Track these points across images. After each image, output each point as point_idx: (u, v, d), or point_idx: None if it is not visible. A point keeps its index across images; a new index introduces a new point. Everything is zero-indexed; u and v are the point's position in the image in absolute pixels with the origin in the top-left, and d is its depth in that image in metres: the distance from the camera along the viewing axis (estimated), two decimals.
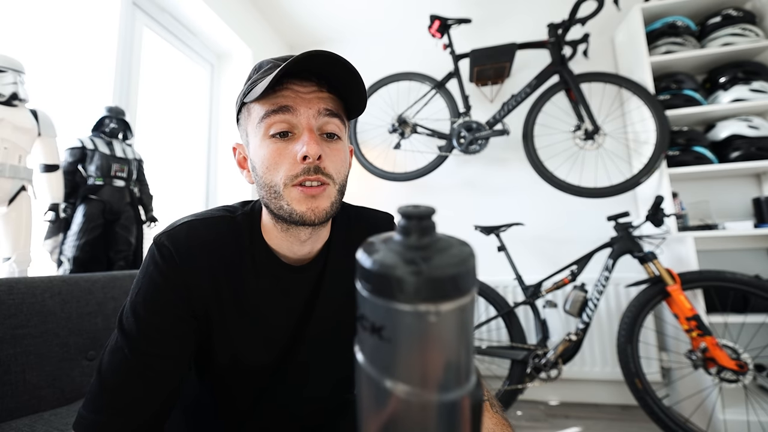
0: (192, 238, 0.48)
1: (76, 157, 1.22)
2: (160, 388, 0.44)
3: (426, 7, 2.16)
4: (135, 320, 0.44)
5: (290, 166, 0.45)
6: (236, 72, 2.12)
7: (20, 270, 1.03)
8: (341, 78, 0.47)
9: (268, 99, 0.46)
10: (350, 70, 0.45)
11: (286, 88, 0.46)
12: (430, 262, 0.16)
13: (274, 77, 0.43)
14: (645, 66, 1.71)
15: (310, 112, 0.46)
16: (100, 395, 0.42)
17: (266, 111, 0.46)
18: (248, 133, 0.49)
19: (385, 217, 0.66)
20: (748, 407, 1.41)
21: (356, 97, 0.49)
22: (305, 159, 0.44)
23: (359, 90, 0.48)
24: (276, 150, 0.46)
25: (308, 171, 0.45)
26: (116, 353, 0.44)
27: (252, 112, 0.48)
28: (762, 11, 1.71)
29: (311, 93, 0.47)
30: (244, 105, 0.50)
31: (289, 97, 0.46)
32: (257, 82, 0.48)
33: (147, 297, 0.45)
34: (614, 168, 1.92)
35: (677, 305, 1.34)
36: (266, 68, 0.49)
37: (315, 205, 0.46)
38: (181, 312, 0.46)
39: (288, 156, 0.46)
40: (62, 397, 0.77)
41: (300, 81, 0.46)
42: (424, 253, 0.16)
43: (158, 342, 0.44)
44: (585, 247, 1.63)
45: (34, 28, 1.32)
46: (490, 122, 1.84)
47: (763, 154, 1.56)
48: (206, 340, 0.50)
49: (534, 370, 1.50)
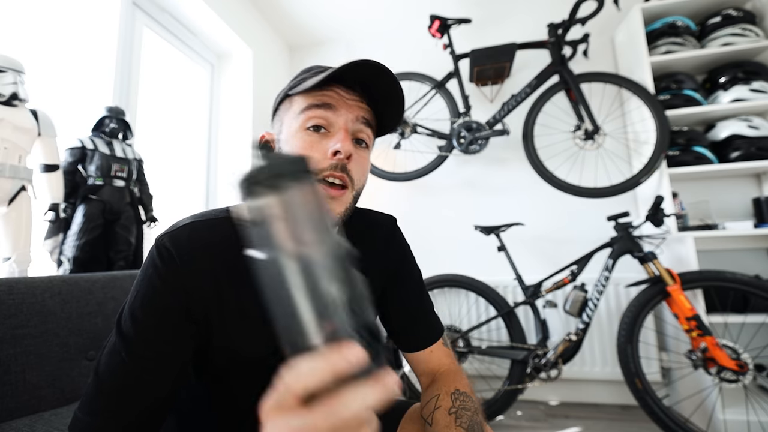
0: (194, 240, 0.47)
1: (76, 157, 1.22)
2: (157, 392, 0.44)
3: (426, 7, 2.16)
4: (132, 323, 0.44)
5: (319, 160, 0.47)
6: (236, 72, 2.12)
7: (20, 270, 1.03)
8: (383, 91, 0.49)
9: (313, 94, 0.49)
10: (394, 83, 0.48)
11: (331, 90, 0.49)
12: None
13: (327, 75, 0.45)
14: (645, 66, 1.71)
15: (349, 116, 0.49)
16: (96, 398, 0.42)
17: (309, 104, 0.48)
18: (284, 122, 0.52)
19: (389, 219, 0.66)
20: (748, 407, 1.41)
21: (393, 113, 0.52)
22: (335, 154, 0.46)
23: (398, 106, 0.51)
24: (309, 142, 0.48)
25: (335, 167, 0.47)
26: (113, 356, 0.43)
27: (294, 103, 0.51)
28: (762, 11, 1.71)
29: (353, 100, 0.50)
30: (287, 97, 0.52)
31: (333, 97, 0.49)
32: (305, 79, 0.50)
33: (145, 300, 0.45)
34: (614, 168, 1.92)
35: (677, 305, 1.34)
36: (316, 70, 0.51)
37: (331, 207, 0.47)
38: (178, 316, 0.46)
39: (319, 149, 0.47)
40: (62, 397, 0.77)
41: (345, 88, 0.49)
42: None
43: (155, 346, 0.44)
44: (585, 247, 1.63)
45: (34, 28, 1.32)
46: (490, 122, 1.84)
47: (763, 154, 1.57)
48: (206, 341, 0.49)
49: (534, 370, 1.50)
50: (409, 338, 0.62)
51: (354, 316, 0.25)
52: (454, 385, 0.55)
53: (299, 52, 2.57)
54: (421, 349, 0.61)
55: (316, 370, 0.22)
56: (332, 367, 0.22)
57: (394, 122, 0.54)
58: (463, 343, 1.67)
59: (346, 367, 0.22)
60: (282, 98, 0.53)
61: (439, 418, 0.51)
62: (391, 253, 0.64)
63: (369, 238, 0.61)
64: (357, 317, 0.25)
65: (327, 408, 0.22)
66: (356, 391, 0.22)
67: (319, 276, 0.24)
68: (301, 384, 0.22)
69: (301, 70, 0.54)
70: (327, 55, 2.50)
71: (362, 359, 0.23)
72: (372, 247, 0.61)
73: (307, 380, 0.22)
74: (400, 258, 0.65)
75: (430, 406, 0.54)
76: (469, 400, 0.53)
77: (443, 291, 1.93)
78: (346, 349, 0.22)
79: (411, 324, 0.62)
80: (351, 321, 0.24)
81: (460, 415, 0.50)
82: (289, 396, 0.22)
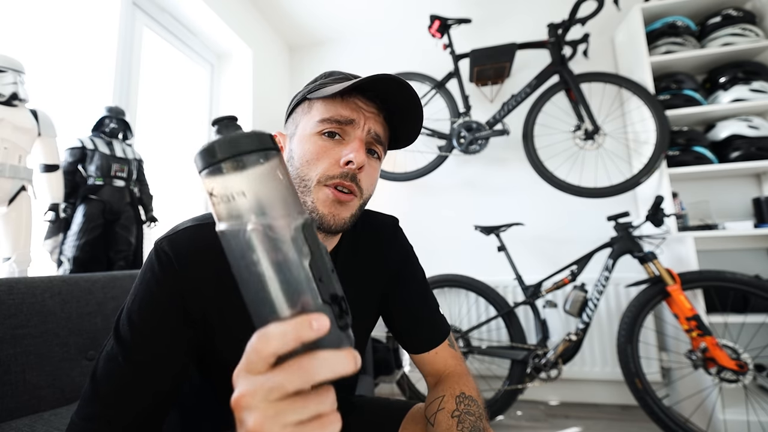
0: (193, 244, 0.47)
1: (76, 157, 1.22)
2: (155, 396, 0.44)
3: (426, 7, 2.16)
4: (130, 327, 0.44)
5: (330, 166, 0.47)
6: (236, 72, 2.12)
7: (20, 270, 1.03)
8: (402, 106, 0.50)
9: (333, 102, 0.49)
10: (416, 102, 0.48)
11: (351, 100, 0.49)
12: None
13: (350, 85, 0.45)
14: (645, 66, 1.71)
15: (366, 127, 0.49)
16: (93, 402, 0.42)
17: (329, 117, 0.48)
18: (299, 125, 0.51)
19: (391, 220, 0.66)
20: (748, 407, 1.41)
21: (410, 129, 0.53)
22: (348, 164, 0.46)
23: (415, 124, 0.52)
24: (322, 147, 0.48)
25: (345, 176, 0.47)
26: (110, 360, 0.43)
27: (313, 108, 0.50)
28: (762, 11, 1.71)
29: (371, 113, 0.50)
30: (305, 100, 0.52)
31: (353, 110, 0.48)
32: (326, 84, 0.50)
33: (143, 305, 0.45)
34: (614, 168, 1.92)
35: (677, 305, 1.34)
36: (337, 77, 0.52)
37: (338, 211, 0.47)
38: (176, 320, 0.45)
39: (331, 156, 0.47)
40: (62, 397, 0.77)
41: (365, 99, 0.49)
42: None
43: (153, 350, 0.44)
44: (585, 247, 1.63)
45: (34, 28, 1.32)
46: (490, 122, 1.84)
47: (763, 154, 1.56)
48: (208, 342, 0.49)
49: (534, 370, 1.50)
50: (413, 339, 0.62)
51: (321, 286, 0.25)
52: (460, 387, 0.55)
53: (299, 52, 2.57)
54: (425, 351, 0.61)
55: (285, 335, 0.23)
56: (299, 334, 0.23)
57: (410, 138, 0.55)
58: (463, 343, 1.67)
59: (312, 335, 0.23)
60: (300, 100, 0.53)
61: (441, 419, 0.51)
62: (393, 254, 0.64)
63: (370, 240, 0.61)
64: (324, 287, 0.25)
65: (294, 369, 0.23)
66: (323, 357, 0.23)
67: (286, 249, 0.24)
68: (270, 348, 0.23)
69: (322, 74, 0.54)
70: (327, 55, 2.50)
71: (328, 328, 0.24)
72: (373, 248, 0.61)
73: (276, 345, 0.23)
74: (402, 259, 0.65)
75: (433, 406, 0.54)
76: (474, 405, 0.53)
77: (443, 291, 1.93)
78: (314, 318, 0.23)
79: (414, 325, 0.62)
80: (318, 291, 0.25)
81: (463, 419, 0.50)
82: (258, 359, 0.23)
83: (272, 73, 2.32)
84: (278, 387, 0.23)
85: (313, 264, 0.25)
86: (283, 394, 0.23)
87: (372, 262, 0.61)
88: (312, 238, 0.26)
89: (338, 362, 0.23)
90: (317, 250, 0.26)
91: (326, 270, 0.26)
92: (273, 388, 0.23)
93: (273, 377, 0.23)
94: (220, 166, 0.24)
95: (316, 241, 0.26)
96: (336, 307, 0.26)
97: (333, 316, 0.25)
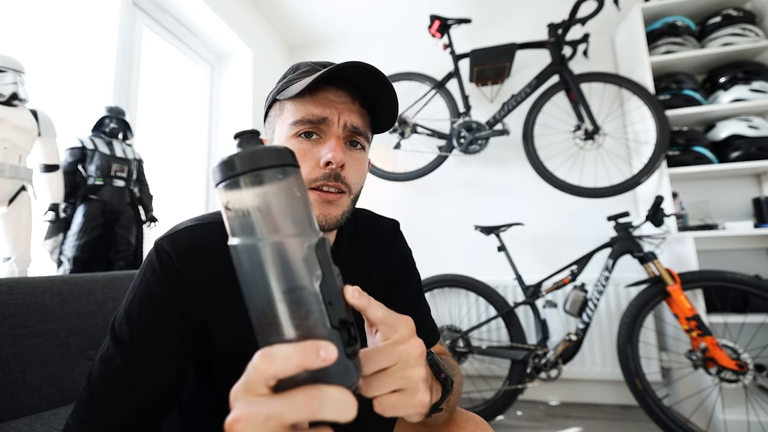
0: (194, 243, 0.47)
1: (76, 157, 1.22)
2: (152, 399, 0.43)
3: (426, 7, 2.16)
4: (128, 328, 0.43)
5: (311, 169, 0.45)
6: (236, 72, 2.12)
7: (20, 270, 1.03)
8: (376, 93, 0.47)
9: (303, 100, 0.47)
10: (388, 87, 0.46)
11: (321, 94, 0.46)
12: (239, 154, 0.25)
13: (314, 80, 0.43)
14: (645, 66, 1.71)
15: (341, 122, 0.47)
16: (89, 405, 0.41)
17: (300, 119, 0.46)
18: (275, 129, 0.50)
19: (391, 223, 0.66)
20: (748, 407, 1.41)
21: (387, 115, 0.50)
22: (328, 164, 0.45)
23: (392, 109, 0.49)
24: (300, 150, 0.46)
25: (328, 177, 0.45)
26: (107, 362, 0.42)
27: (285, 110, 0.48)
28: (762, 11, 1.71)
29: (344, 104, 0.47)
30: (276, 102, 0.50)
31: (325, 105, 0.46)
32: (293, 81, 0.48)
33: (142, 304, 0.44)
34: (614, 168, 1.92)
35: (677, 305, 1.34)
36: (304, 70, 0.50)
37: (328, 211, 0.46)
38: (175, 320, 0.45)
39: (311, 158, 0.46)
40: (62, 397, 0.77)
41: (336, 89, 0.47)
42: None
43: (151, 352, 0.43)
44: (585, 247, 1.63)
45: (34, 28, 1.32)
46: (490, 122, 1.84)
47: (763, 154, 1.56)
48: (208, 344, 0.48)
49: (534, 370, 1.50)
50: None
51: (331, 309, 0.24)
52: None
53: (299, 52, 2.57)
54: None
55: (289, 359, 0.22)
56: (305, 360, 0.22)
57: (389, 120, 0.52)
58: (463, 343, 1.67)
59: (318, 364, 0.22)
60: (271, 102, 0.51)
61: None
62: (393, 257, 0.63)
63: (371, 242, 0.61)
64: (333, 311, 0.25)
65: (297, 400, 0.22)
66: (329, 395, 0.22)
67: (297, 269, 0.24)
68: (272, 370, 0.22)
69: (289, 68, 0.52)
70: (327, 55, 2.50)
71: (336, 358, 0.22)
72: (374, 250, 0.61)
73: (278, 367, 0.22)
74: (402, 262, 0.65)
75: None
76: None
77: (443, 291, 1.93)
78: (322, 346, 0.22)
79: None
80: (327, 315, 0.24)
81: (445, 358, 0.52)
82: (258, 380, 0.22)
83: (272, 74, 2.31)
84: (277, 415, 0.21)
85: (323, 286, 0.24)
86: (281, 425, 0.21)
87: (372, 265, 0.60)
88: (324, 259, 0.25)
89: (343, 406, 0.22)
90: (329, 272, 0.25)
91: (336, 293, 0.25)
92: (271, 416, 0.21)
93: (272, 404, 0.22)
94: (238, 180, 0.24)
95: (329, 262, 0.25)
96: (345, 333, 0.25)
97: (341, 342, 0.24)
